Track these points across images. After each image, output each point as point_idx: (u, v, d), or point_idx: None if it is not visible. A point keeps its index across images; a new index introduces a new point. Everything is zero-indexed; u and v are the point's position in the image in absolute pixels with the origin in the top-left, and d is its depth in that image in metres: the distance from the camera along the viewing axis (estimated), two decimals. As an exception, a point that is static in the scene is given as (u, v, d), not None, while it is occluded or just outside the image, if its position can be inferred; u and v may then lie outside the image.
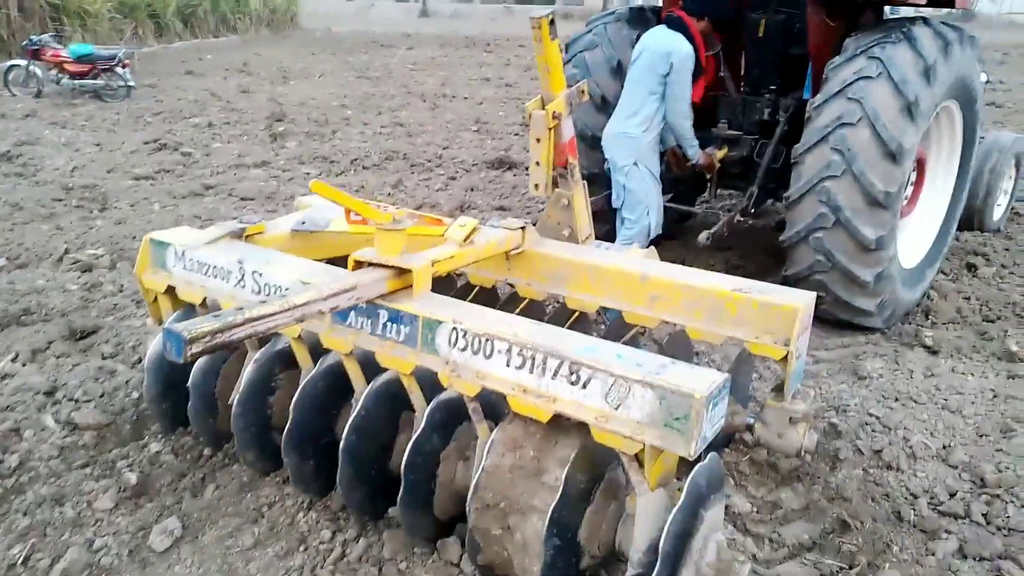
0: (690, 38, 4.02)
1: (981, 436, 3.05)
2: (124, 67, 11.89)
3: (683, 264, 4.27)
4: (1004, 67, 19.82)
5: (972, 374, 3.52)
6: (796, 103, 4.43)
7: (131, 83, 11.88)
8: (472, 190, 6.94)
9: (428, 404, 2.39)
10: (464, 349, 2.27)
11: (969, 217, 5.67)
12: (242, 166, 7.57)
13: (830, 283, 3.85)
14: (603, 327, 3.54)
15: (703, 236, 4.13)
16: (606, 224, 4.39)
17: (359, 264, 2.45)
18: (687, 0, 4.17)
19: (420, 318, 2.32)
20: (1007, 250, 5.41)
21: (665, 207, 4.44)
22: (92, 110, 10.55)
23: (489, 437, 2.26)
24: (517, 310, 3.12)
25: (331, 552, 2.43)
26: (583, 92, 3.18)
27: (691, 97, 4.10)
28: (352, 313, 2.47)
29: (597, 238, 3.84)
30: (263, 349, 2.71)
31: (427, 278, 2.46)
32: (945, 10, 4.28)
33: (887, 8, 4.33)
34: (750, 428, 2.80)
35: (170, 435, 2.95)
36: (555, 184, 3.30)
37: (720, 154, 4.45)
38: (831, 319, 4.07)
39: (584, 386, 2.09)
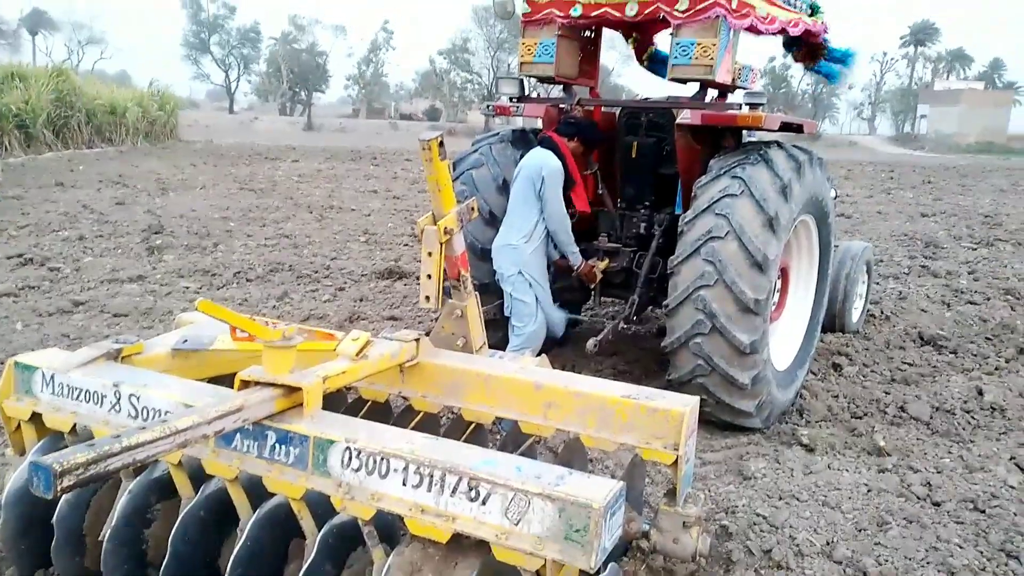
0: (561, 156, 4.32)
1: (860, 531, 3.19)
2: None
3: (573, 370, 4.40)
4: (849, 182, 21.91)
5: (847, 470, 3.71)
6: (669, 217, 4.75)
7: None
8: (362, 300, 6.90)
9: (319, 530, 2.29)
10: (358, 469, 2.21)
11: (831, 320, 6.10)
12: (115, 281, 7.25)
13: (711, 386, 4.03)
14: (499, 437, 3.53)
15: (590, 343, 4.26)
16: (499, 331, 4.47)
17: (246, 383, 2.38)
18: (559, 124, 4.49)
19: (311, 438, 2.26)
20: (867, 350, 5.83)
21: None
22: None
23: (385, 562, 2.17)
24: (411, 424, 3.09)
25: None
26: (473, 209, 3.29)
27: (564, 207, 4.35)
28: (238, 435, 2.37)
29: (491, 346, 3.90)
30: (139, 478, 2.54)
31: (318, 396, 2.41)
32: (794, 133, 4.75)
33: (744, 132, 4.75)
34: (646, 535, 2.83)
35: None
36: (448, 295, 3.35)
37: (602, 265, 4.67)
38: (715, 421, 4.23)
39: (484, 502, 2.07)
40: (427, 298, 3.24)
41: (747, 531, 3.15)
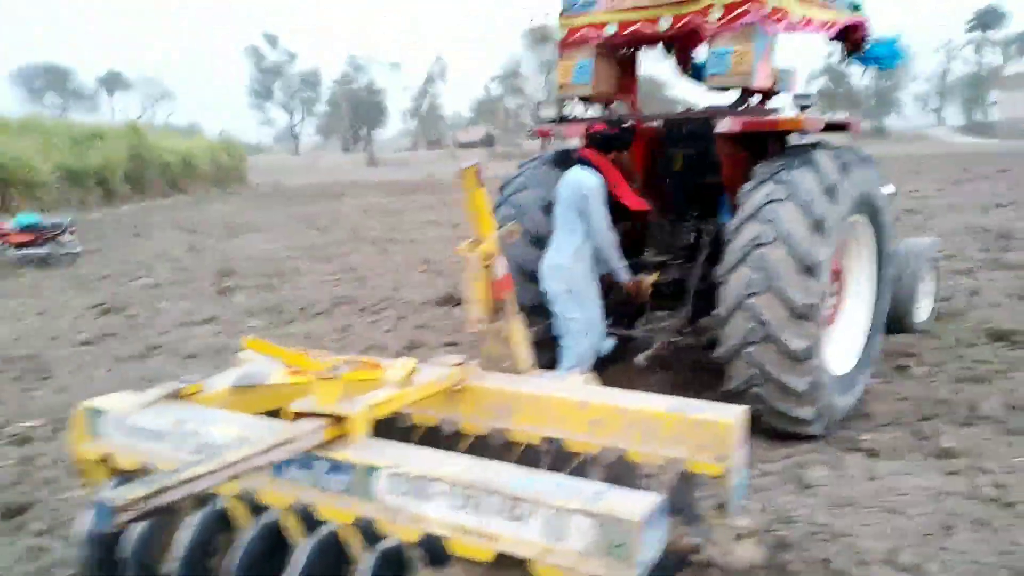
0: (599, 171, 4.30)
1: (925, 536, 3.09)
2: (72, 233, 12.02)
3: (627, 386, 4.38)
4: (917, 176, 21.19)
5: (912, 474, 3.60)
6: (716, 227, 4.71)
7: (76, 250, 11.97)
8: (422, 327, 7.03)
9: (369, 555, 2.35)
10: (403, 493, 2.27)
11: (897, 320, 5.91)
12: (189, 323, 7.57)
13: (767, 395, 3.97)
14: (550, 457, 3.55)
15: (640, 357, 4.26)
16: (549, 352, 4.50)
17: (297, 415, 2.48)
18: (591, 140, 4.47)
19: (357, 466, 2.34)
20: (936, 349, 5.64)
21: (609, 331, 4.59)
22: (37, 278, 10.53)
23: (432, 583, 2.23)
24: (462, 447, 3.15)
25: None
26: (513, 232, 3.36)
27: (609, 223, 4.30)
28: (291, 466, 2.47)
29: (540, 367, 3.94)
30: (201, 511, 2.66)
31: (364, 424, 2.49)
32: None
33: (792, 135, 4.69)
34: (697, 548, 2.81)
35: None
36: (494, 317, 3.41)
37: (651, 279, 4.65)
38: (773, 430, 4.15)
39: (524, 521, 2.10)
40: (477, 321, 3.31)
41: (806, 541, 3.09)
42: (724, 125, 4.16)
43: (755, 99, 4.54)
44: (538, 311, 4.63)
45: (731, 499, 2.70)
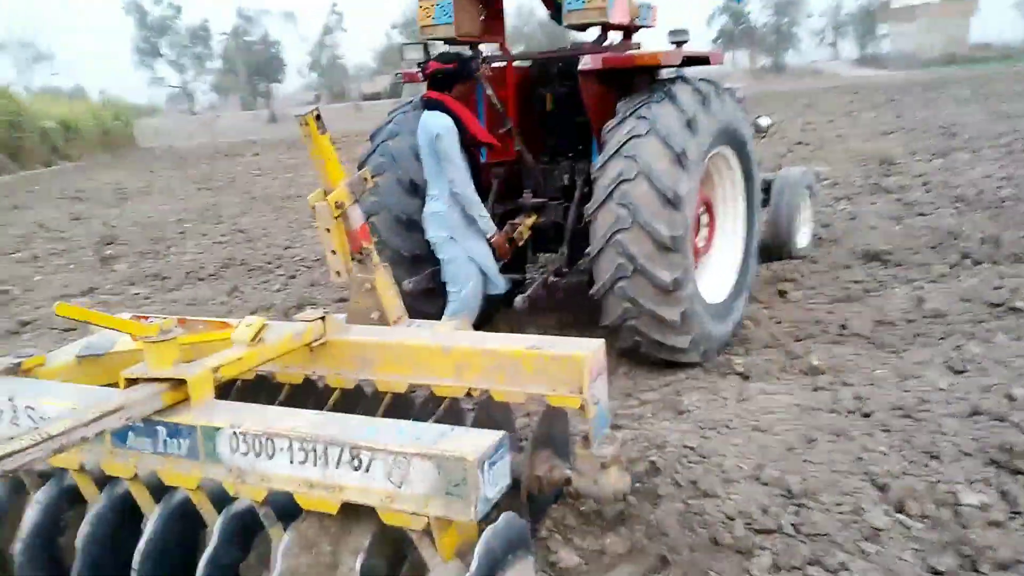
0: (447, 110, 4.13)
1: (789, 451, 3.22)
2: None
3: (513, 329, 4.39)
4: (810, 109, 21.83)
5: (780, 393, 3.74)
6: (589, 166, 4.69)
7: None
8: (312, 286, 6.87)
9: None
10: (246, 453, 2.20)
11: (779, 248, 6.12)
12: (66, 296, 7.19)
13: (642, 327, 4.04)
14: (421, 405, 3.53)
15: (518, 300, 4.26)
16: (441, 300, 4.44)
17: (131, 381, 2.37)
18: (431, 81, 4.26)
19: (198, 428, 2.24)
20: (813, 273, 5.86)
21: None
22: None
23: (283, 540, 2.18)
24: (331, 402, 3.08)
25: None
26: (367, 179, 3.25)
27: (464, 165, 4.17)
28: (131, 434, 2.35)
29: (427, 317, 3.89)
30: (45, 487, 2.53)
31: (206, 386, 2.39)
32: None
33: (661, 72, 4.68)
34: (568, 480, 2.85)
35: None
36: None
37: (529, 222, 4.64)
38: (652, 361, 4.24)
39: (367, 469, 2.07)
40: (337, 274, 3.22)
41: (676, 464, 3.17)
42: (586, 62, 4.12)
43: (619, 36, 4.52)
44: (421, 260, 4.58)
45: (593, 429, 2.74)
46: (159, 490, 2.38)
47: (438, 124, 4.08)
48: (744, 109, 4.73)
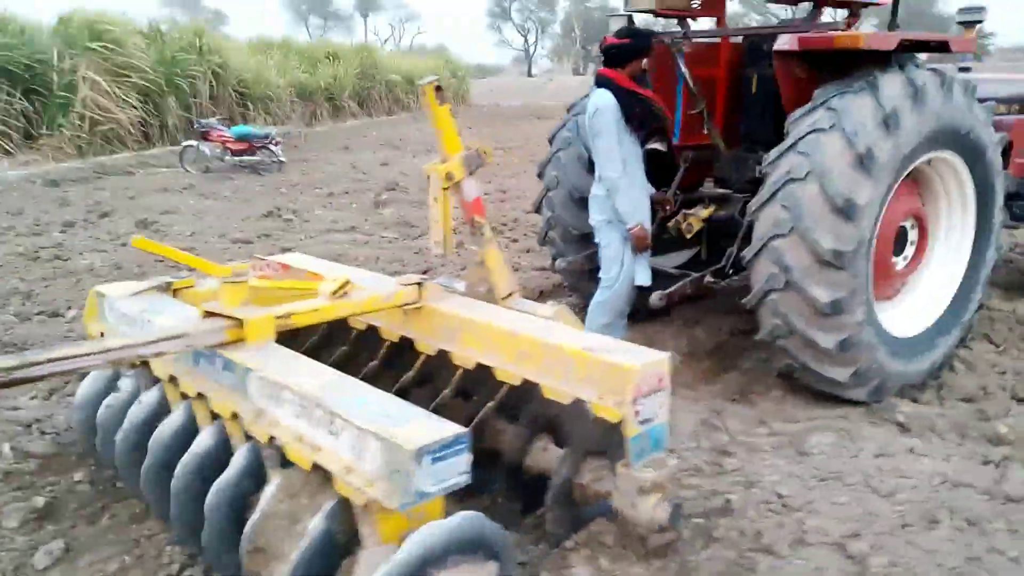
0: (618, 88, 3.91)
1: (902, 527, 2.68)
2: (276, 144, 13.29)
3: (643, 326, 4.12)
4: None
5: (932, 456, 3.09)
6: (784, 158, 4.18)
7: (282, 159, 13.22)
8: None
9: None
10: (267, 396, 2.39)
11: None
12: (332, 231, 8.18)
13: (793, 349, 3.57)
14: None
15: (654, 296, 3.97)
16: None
17: (209, 314, 2.67)
18: (605, 56, 4.04)
19: (238, 366, 2.48)
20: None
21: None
22: (243, 183, 11.79)
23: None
24: (416, 365, 3.19)
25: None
26: (484, 153, 3.25)
27: (613, 151, 3.92)
28: (202, 360, 2.67)
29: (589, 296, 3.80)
30: (151, 390, 2.97)
31: (265, 328, 2.61)
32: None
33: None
34: (607, 495, 2.67)
35: (92, 466, 3.26)
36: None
37: (704, 213, 4.28)
38: (814, 390, 3.73)
39: (339, 437, 2.14)
40: (436, 243, 3.29)
41: (753, 509, 2.80)
42: (782, 42, 3.65)
43: (843, 13, 3.93)
44: (587, 239, 4.48)
45: (631, 448, 2.52)
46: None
47: (596, 101, 3.93)
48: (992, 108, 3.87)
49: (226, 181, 11.94)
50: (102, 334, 3.23)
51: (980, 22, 4.10)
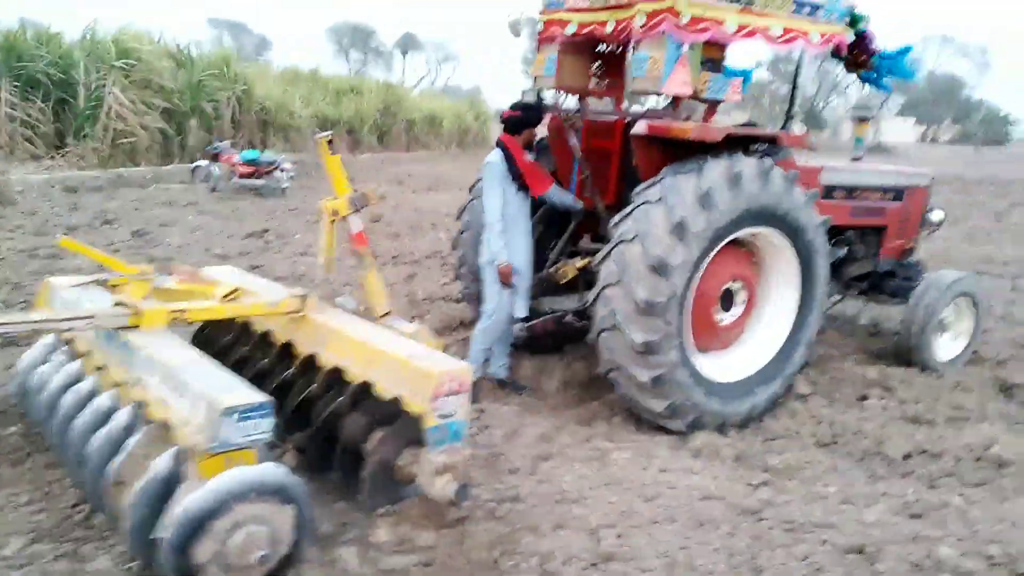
0: (507, 152, 4.75)
1: (652, 523, 3.31)
2: (283, 171, 14.21)
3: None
4: None
5: (704, 475, 3.73)
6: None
7: (285, 184, 14.13)
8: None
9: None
10: (146, 369, 3.13)
11: (905, 351, 5.63)
12: (306, 254, 8.96)
13: (620, 380, 4.25)
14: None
15: (516, 327, 4.68)
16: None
17: (119, 304, 3.42)
18: (504, 124, 4.91)
19: (131, 344, 3.22)
20: (909, 384, 5.29)
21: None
22: (243, 205, 12.68)
23: (142, 433, 3.06)
24: (295, 364, 3.90)
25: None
26: (368, 196, 4.01)
27: (494, 203, 4.72)
28: (111, 340, 3.41)
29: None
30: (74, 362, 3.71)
31: (157, 318, 3.33)
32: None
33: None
34: (413, 477, 3.34)
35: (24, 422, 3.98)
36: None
37: (579, 264, 4.99)
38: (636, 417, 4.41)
39: (183, 399, 2.86)
40: (320, 265, 4.05)
41: (535, 499, 3.45)
42: (637, 127, 4.38)
43: (700, 107, 4.68)
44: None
45: (429, 437, 3.19)
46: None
47: (488, 158, 4.76)
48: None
49: (228, 201, 12.83)
50: (47, 317, 3.99)
51: (870, 118, 4.79)
